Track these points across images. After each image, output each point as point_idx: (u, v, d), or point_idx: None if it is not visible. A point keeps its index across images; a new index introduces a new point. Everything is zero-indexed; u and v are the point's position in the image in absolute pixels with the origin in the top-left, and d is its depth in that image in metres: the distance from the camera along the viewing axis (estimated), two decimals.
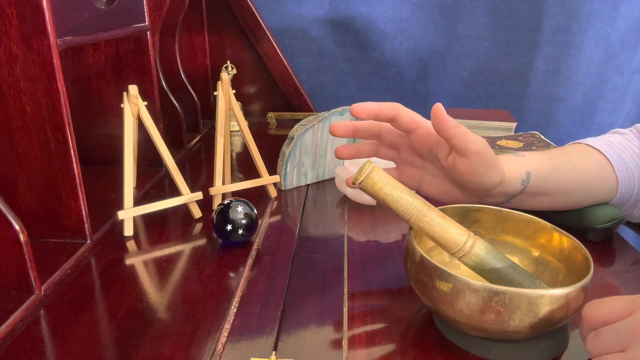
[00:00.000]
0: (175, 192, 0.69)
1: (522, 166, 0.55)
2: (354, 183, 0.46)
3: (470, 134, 0.49)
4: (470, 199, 0.55)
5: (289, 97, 1.22)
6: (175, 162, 0.68)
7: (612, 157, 0.60)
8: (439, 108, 0.48)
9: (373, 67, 1.30)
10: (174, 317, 0.48)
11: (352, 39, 1.27)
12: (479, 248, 0.46)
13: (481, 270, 0.47)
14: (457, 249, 0.46)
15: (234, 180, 0.82)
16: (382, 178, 0.45)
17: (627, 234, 0.74)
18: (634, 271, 0.59)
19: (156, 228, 0.66)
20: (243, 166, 0.91)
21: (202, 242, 0.63)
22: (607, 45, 1.25)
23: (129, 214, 0.64)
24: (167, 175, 0.80)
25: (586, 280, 0.41)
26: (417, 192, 0.57)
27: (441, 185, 0.56)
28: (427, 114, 0.52)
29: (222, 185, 0.71)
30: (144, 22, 0.77)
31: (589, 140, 0.63)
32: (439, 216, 0.46)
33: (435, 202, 0.49)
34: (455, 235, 0.46)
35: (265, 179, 0.75)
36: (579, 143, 0.63)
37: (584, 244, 0.46)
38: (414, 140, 0.55)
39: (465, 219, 0.52)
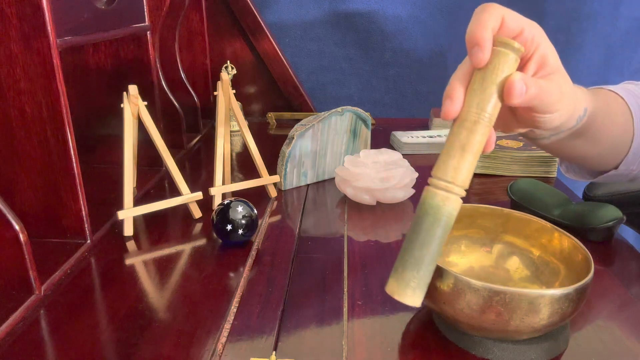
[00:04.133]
0: (175, 192, 0.69)
1: (583, 102, 0.48)
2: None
3: (550, 93, 0.41)
4: (521, 128, 0.47)
5: (289, 97, 1.22)
6: (175, 162, 0.68)
7: (632, 106, 0.55)
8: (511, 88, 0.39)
9: (373, 67, 1.30)
10: (174, 317, 0.48)
11: (352, 39, 1.27)
12: None
13: None
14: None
15: (234, 180, 0.82)
16: None
17: (627, 233, 0.74)
18: (634, 271, 0.59)
19: (156, 228, 0.66)
20: (243, 166, 0.90)
21: (202, 242, 0.63)
22: (607, 45, 1.25)
23: (129, 214, 0.64)
24: (167, 175, 0.80)
25: (587, 280, 0.41)
26: None
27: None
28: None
29: (222, 185, 0.71)
30: (144, 22, 0.77)
31: (614, 88, 0.57)
32: None
33: None
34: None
35: (265, 179, 0.75)
36: (602, 89, 0.57)
37: (584, 244, 0.46)
38: None
39: (471, 221, 0.52)
